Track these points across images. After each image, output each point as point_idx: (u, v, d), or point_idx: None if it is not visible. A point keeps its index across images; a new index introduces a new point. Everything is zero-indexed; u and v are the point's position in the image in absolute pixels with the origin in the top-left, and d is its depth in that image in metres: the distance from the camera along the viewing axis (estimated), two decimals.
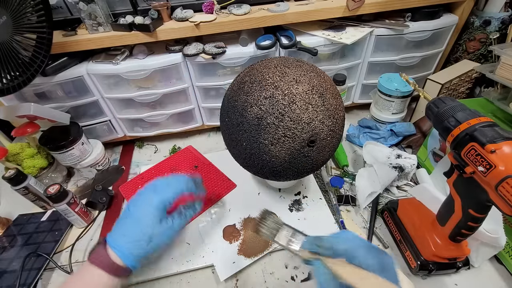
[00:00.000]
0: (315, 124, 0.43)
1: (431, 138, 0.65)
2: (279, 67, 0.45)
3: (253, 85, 0.44)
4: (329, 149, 0.47)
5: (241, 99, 0.45)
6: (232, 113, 0.46)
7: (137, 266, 0.38)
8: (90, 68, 0.66)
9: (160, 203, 0.40)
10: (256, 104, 0.43)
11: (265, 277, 0.53)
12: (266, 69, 0.45)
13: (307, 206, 0.63)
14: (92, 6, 0.60)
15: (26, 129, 0.65)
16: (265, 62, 0.47)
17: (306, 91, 0.43)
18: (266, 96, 0.42)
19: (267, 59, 0.49)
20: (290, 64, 0.45)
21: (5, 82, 0.51)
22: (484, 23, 0.73)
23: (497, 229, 0.47)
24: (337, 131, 0.47)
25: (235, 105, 0.45)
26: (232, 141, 0.48)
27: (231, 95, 0.47)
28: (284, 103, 0.41)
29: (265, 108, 0.42)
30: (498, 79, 0.58)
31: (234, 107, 0.45)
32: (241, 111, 0.44)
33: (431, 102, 0.42)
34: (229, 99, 0.47)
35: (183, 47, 0.67)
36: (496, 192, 0.33)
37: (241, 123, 0.44)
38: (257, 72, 0.45)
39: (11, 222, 0.65)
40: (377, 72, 0.79)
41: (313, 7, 0.66)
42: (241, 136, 0.45)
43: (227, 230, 0.59)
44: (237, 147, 0.47)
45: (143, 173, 0.72)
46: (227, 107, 0.47)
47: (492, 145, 0.33)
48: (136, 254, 0.37)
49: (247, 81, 0.45)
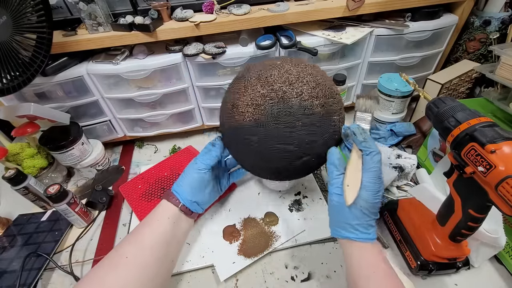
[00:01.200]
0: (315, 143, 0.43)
1: (431, 138, 0.65)
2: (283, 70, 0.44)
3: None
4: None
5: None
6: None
7: (191, 207, 0.50)
8: (90, 68, 0.66)
9: (200, 169, 0.50)
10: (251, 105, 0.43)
11: (265, 277, 0.53)
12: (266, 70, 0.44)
13: (307, 206, 0.63)
14: (92, 6, 0.60)
15: (26, 129, 0.65)
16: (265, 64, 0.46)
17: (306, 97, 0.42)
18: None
19: (267, 61, 0.48)
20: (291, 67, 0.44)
21: (5, 82, 0.51)
22: (484, 23, 0.73)
23: (497, 229, 0.47)
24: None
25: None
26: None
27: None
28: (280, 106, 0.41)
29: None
30: (498, 79, 0.58)
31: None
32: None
33: (431, 102, 0.42)
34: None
35: (183, 47, 0.67)
36: (496, 192, 0.33)
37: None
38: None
39: (11, 222, 0.65)
40: (377, 72, 0.79)
41: (313, 7, 0.66)
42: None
43: (227, 230, 0.59)
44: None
45: (143, 173, 0.72)
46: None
47: (492, 145, 0.33)
48: (190, 199, 0.49)
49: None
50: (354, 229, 0.38)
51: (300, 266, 0.54)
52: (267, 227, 0.59)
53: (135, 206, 0.64)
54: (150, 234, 0.45)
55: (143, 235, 0.45)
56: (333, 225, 0.41)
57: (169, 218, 0.47)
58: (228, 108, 0.45)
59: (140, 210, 0.63)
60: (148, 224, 0.46)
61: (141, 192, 0.67)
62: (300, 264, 0.54)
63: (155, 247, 0.44)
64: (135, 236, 0.45)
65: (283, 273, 0.53)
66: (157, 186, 0.68)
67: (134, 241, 0.44)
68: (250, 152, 0.45)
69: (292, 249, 0.56)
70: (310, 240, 0.56)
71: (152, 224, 0.46)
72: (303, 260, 0.55)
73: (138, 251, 0.42)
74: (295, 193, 0.65)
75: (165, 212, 0.47)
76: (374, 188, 0.37)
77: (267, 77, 0.43)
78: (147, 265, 0.42)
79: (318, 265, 0.54)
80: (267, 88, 0.42)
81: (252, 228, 0.59)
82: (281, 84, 0.42)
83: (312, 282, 0.51)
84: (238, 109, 0.43)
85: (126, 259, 0.41)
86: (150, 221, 0.47)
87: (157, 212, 0.48)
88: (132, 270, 0.40)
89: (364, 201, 0.37)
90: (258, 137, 0.42)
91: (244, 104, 0.43)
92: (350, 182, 0.38)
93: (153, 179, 0.70)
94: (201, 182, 0.50)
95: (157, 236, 0.45)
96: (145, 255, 0.42)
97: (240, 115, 0.43)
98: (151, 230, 0.45)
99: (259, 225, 0.59)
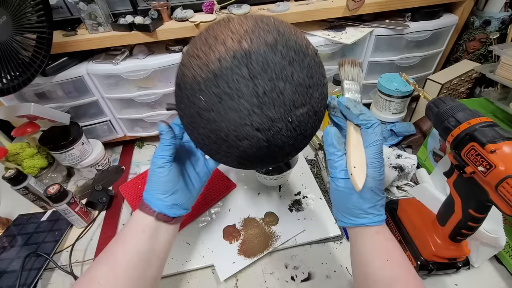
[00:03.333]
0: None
1: (431, 138, 0.65)
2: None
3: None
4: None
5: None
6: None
7: (170, 213, 0.41)
8: (90, 68, 0.66)
9: (159, 165, 0.42)
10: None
11: (265, 277, 0.53)
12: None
13: (307, 206, 0.63)
14: (92, 6, 0.60)
15: (26, 129, 0.65)
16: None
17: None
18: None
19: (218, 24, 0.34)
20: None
21: (5, 82, 0.51)
22: (484, 23, 0.73)
23: (497, 229, 0.47)
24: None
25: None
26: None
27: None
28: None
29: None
30: (498, 79, 0.58)
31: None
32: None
33: (431, 102, 0.42)
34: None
35: (183, 47, 0.67)
36: (496, 192, 0.33)
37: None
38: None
39: (11, 222, 0.65)
40: (377, 72, 0.79)
41: (313, 7, 0.66)
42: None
43: (227, 230, 0.59)
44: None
45: (143, 173, 0.72)
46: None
47: (492, 145, 0.33)
48: (166, 204, 0.41)
49: None
50: (367, 213, 0.35)
51: (300, 266, 0.54)
52: (267, 227, 0.59)
53: (135, 206, 0.64)
54: (123, 254, 0.38)
55: (115, 255, 0.38)
56: (341, 213, 0.37)
57: (144, 231, 0.39)
58: (194, 50, 0.33)
59: None
60: (121, 241, 0.40)
61: (141, 192, 0.67)
62: (300, 264, 0.54)
63: (130, 268, 0.37)
64: (107, 256, 0.38)
65: (283, 273, 0.53)
66: None
67: (106, 262, 0.38)
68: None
69: (292, 249, 0.56)
70: (310, 240, 0.56)
71: (125, 241, 0.39)
72: (303, 260, 0.55)
73: (110, 274, 0.36)
74: (295, 193, 0.65)
75: (138, 226, 0.40)
76: (378, 163, 0.34)
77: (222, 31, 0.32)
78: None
79: (318, 265, 0.54)
80: (252, 21, 0.32)
81: (252, 228, 0.59)
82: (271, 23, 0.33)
83: (312, 282, 0.51)
84: (216, 40, 0.31)
85: (98, 284, 0.35)
86: (122, 238, 0.40)
87: (130, 226, 0.41)
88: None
89: (373, 180, 0.33)
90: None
91: (225, 35, 0.31)
92: (356, 163, 0.33)
93: None
94: (170, 180, 0.41)
95: (131, 255, 0.38)
96: (118, 279, 0.36)
97: (217, 45, 0.31)
98: (124, 248, 0.39)
99: (259, 225, 0.59)
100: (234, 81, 0.30)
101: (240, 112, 0.31)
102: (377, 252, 0.34)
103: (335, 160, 0.35)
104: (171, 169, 0.41)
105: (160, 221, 0.41)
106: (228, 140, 0.33)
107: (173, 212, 0.42)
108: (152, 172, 0.42)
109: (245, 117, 0.31)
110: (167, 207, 0.41)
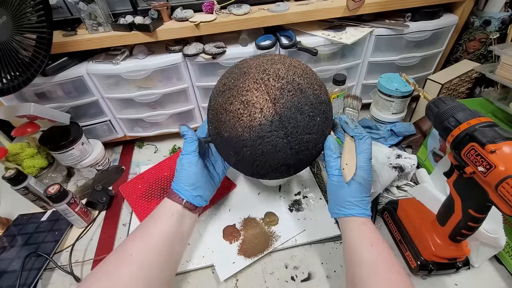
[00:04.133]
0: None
1: (431, 138, 0.65)
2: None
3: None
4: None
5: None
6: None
7: (195, 202, 0.49)
8: (90, 68, 0.66)
9: (188, 161, 0.49)
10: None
11: (265, 277, 0.53)
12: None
13: (307, 206, 0.63)
14: (92, 6, 0.60)
15: (26, 129, 0.65)
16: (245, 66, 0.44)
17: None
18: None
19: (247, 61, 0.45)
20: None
21: (5, 82, 0.51)
22: (484, 23, 0.73)
23: (497, 229, 0.47)
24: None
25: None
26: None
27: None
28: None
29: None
30: (498, 79, 0.58)
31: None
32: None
33: (431, 102, 0.42)
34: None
35: (183, 47, 0.67)
36: (496, 192, 0.33)
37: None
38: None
39: (11, 222, 0.65)
40: (377, 72, 0.79)
41: (313, 7, 0.66)
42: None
43: (227, 230, 0.59)
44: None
45: (143, 173, 0.72)
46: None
47: (492, 145, 0.33)
48: (192, 194, 0.48)
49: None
50: (354, 205, 0.42)
51: (300, 266, 0.54)
52: (267, 227, 0.59)
53: (135, 206, 0.64)
54: (156, 230, 0.44)
55: (148, 230, 0.45)
56: (333, 205, 0.45)
57: (173, 215, 0.46)
58: (234, 108, 0.41)
59: (140, 210, 0.63)
60: (153, 220, 0.46)
61: (141, 192, 0.67)
62: (300, 264, 0.54)
63: (160, 244, 0.43)
64: (142, 231, 0.45)
65: (283, 273, 0.53)
66: (157, 186, 0.68)
67: (140, 236, 0.44)
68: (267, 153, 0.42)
69: (292, 249, 0.56)
70: (310, 240, 0.56)
71: (157, 221, 0.46)
72: (303, 260, 0.55)
73: (143, 246, 0.42)
74: (295, 193, 0.65)
75: (168, 210, 0.47)
76: (368, 167, 0.43)
77: (275, 70, 0.42)
78: (151, 265, 0.41)
79: (318, 265, 0.54)
80: (281, 82, 0.41)
81: (252, 228, 0.59)
82: (293, 76, 0.42)
83: (312, 282, 0.51)
84: (254, 105, 0.40)
85: (130, 256, 0.41)
86: (155, 218, 0.47)
87: (161, 209, 0.47)
88: (135, 268, 0.40)
89: (362, 178, 0.42)
90: (284, 132, 0.40)
91: (260, 99, 0.40)
92: (348, 162, 0.43)
93: (153, 179, 0.70)
94: (196, 174, 0.49)
95: (162, 233, 0.44)
96: (150, 254, 0.42)
97: (256, 112, 0.40)
98: (156, 225, 0.45)
99: (259, 225, 0.59)
100: (274, 140, 0.41)
101: (278, 160, 0.43)
102: (362, 239, 0.41)
103: (331, 160, 0.44)
104: (197, 164, 0.49)
105: (186, 209, 0.48)
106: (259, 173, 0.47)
107: (198, 202, 0.49)
108: (181, 167, 0.49)
109: (282, 162, 0.43)
110: (193, 197, 0.48)
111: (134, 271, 0.40)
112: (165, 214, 0.47)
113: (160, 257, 0.43)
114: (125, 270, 0.40)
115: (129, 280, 0.39)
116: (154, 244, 0.43)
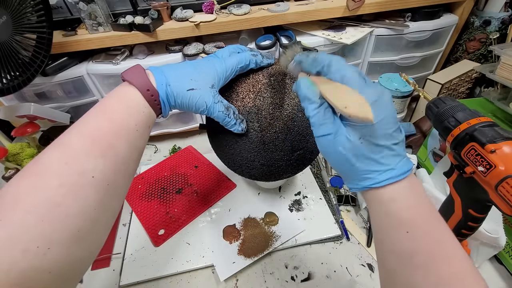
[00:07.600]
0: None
1: (431, 138, 0.65)
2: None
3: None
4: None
5: None
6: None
7: (166, 101, 0.33)
8: (90, 68, 0.66)
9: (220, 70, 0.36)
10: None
11: (265, 277, 0.53)
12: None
13: (307, 206, 0.63)
14: (92, 6, 0.60)
15: (26, 129, 0.65)
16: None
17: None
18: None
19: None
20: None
21: (5, 82, 0.51)
22: (484, 23, 0.73)
23: (497, 229, 0.47)
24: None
25: None
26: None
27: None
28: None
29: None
30: (498, 79, 0.58)
31: None
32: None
33: (431, 102, 0.42)
34: None
35: (183, 47, 0.67)
36: (496, 192, 0.33)
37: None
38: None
39: None
40: (377, 72, 0.79)
41: (313, 7, 0.66)
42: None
43: (227, 230, 0.59)
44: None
45: (143, 173, 0.72)
46: None
47: (492, 145, 0.33)
48: (172, 91, 0.33)
49: None
50: (372, 162, 0.26)
51: (300, 266, 0.54)
52: (267, 227, 0.59)
53: (135, 206, 0.64)
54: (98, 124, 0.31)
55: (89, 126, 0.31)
56: (346, 177, 0.29)
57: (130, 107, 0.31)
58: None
59: (140, 210, 0.63)
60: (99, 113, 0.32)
61: (141, 192, 0.67)
62: (300, 264, 0.54)
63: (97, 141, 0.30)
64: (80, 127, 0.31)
65: (283, 273, 0.53)
66: (157, 186, 0.68)
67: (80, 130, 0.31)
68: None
69: (292, 249, 0.56)
70: (310, 240, 0.56)
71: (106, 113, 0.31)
72: (303, 260, 0.55)
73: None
74: (295, 193, 0.65)
75: (125, 97, 0.31)
76: (375, 90, 0.26)
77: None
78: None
79: (318, 265, 0.54)
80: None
81: (252, 228, 0.59)
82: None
83: (312, 282, 0.51)
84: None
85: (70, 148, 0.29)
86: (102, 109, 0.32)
87: (115, 95, 0.32)
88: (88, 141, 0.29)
89: (378, 109, 0.25)
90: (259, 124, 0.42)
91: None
92: (343, 99, 0.25)
93: (153, 179, 0.70)
94: (213, 78, 0.35)
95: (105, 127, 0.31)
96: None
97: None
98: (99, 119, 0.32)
99: (259, 225, 0.59)
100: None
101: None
102: (393, 227, 0.27)
103: (311, 110, 0.28)
104: (232, 70, 0.38)
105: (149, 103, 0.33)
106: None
107: (168, 99, 0.34)
108: (207, 60, 0.37)
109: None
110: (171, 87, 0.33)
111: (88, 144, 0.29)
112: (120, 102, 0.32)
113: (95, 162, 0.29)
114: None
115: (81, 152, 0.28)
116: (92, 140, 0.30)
